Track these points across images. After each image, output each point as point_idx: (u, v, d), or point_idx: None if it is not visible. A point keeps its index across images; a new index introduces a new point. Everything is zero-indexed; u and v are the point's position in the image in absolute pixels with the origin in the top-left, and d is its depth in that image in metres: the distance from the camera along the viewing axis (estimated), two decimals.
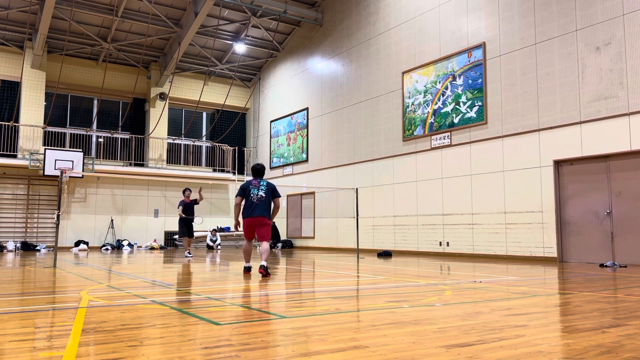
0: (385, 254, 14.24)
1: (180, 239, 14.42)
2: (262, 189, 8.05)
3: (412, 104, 15.42)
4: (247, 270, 8.05)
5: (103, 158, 20.91)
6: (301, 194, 20.36)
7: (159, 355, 2.79)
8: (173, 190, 21.54)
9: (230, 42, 21.29)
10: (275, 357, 2.76)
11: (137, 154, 21.60)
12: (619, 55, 10.71)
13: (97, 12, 18.35)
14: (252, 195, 8.00)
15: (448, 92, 14.32)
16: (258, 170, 8.32)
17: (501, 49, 13.02)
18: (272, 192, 8.11)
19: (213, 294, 5.66)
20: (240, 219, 8.14)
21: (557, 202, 11.71)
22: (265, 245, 7.90)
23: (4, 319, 3.93)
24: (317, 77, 19.86)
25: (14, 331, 3.47)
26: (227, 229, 21.87)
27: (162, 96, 21.67)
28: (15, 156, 18.75)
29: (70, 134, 20.56)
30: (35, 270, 9.01)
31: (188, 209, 13.76)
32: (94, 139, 21.21)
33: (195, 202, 13.84)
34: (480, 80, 13.44)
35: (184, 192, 14.05)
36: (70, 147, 20.11)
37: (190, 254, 13.42)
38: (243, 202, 8.06)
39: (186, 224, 13.73)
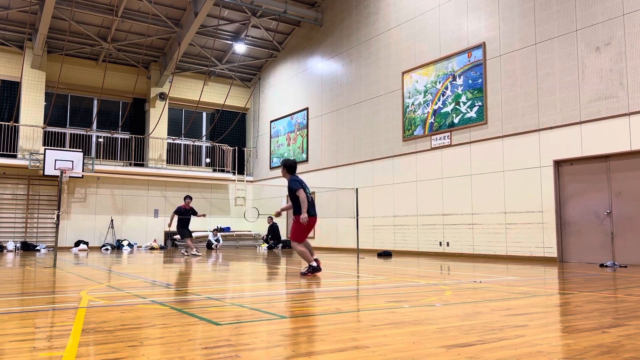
0: (385, 254, 14.24)
1: (182, 240, 14.87)
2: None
3: (412, 104, 15.42)
4: (319, 269, 7.58)
5: (103, 158, 20.91)
6: None
7: (159, 355, 2.79)
8: (173, 191, 21.54)
9: (230, 42, 21.29)
10: (275, 357, 2.75)
11: (137, 154, 21.60)
12: (619, 55, 10.71)
13: (97, 12, 18.35)
14: (308, 193, 7.75)
15: (448, 92, 14.32)
16: (295, 167, 8.01)
17: (501, 49, 13.02)
18: None
19: (213, 294, 5.66)
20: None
21: (557, 202, 11.71)
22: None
23: (4, 319, 3.93)
24: (317, 77, 19.86)
25: (14, 331, 3.47)
26: (228, 229, 21.87)
27: (162, 96, 21.67)
28: (15, 156, 18.75)
29: (70, 134, 20.56)
30: (35, 270, 9.01)
31: (184, 214, 14.37)
32: (93, 139, 21.21)
33: (194, 212, 14.31)
34: (480, 80, 13.44)
35: (184, 198, 14.60)
36: (70, 147, 20.10)
37: (198, 251, 14.01)
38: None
39: (184, 225, 14.21)
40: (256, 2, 18.56)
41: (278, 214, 8.49)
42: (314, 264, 7.58)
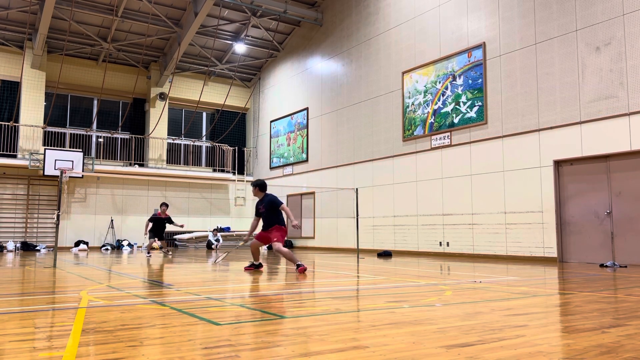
0: (385, 254, 14.24)
1: (150, 238, 13.90)
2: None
3: (412, 104, 15.42)
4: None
5: (103, 158, 20.91)
6: (301, 194, 20.36)
7: (159, 355, 2.79)
8: (173, 191, 21.54)
9: (230, 42, 21.29)
10: (275, 357, 2.75)
11: (137, 154, 21.60)
12: (619, 55, 10.71)
13: (97, 12, 18.34)
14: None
15: (448, 92, 14.32)
16: (267, 186, 9.11)
17: (501, 49, 13.02)
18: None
19: (213, 294, 5.66)
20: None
21: (557, 202, 11.71)
22: None
23: (4, 319, 3.92)
24: (317, 77, 19.86)
25: (14, 331, 3.46)
26: (228, 229, 21.87)
27: (162, 96, 21.67)
28: (15, 156, 18.75)
29: (70, 134, 20.56)
30: (35, 270, 9.01)
31: (159, 224, 13.77)
32: (93, 139, 21.21)
33: (170, 221, 13.84)
34: (480, 80, 13.44)
35: (161, 205, 13.99)
36: (70, 147, 20.10)
37: (150, 253, 13.61)
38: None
39: (155, 229, 13.74)
40: (256, 2, 18.56)
41: (245, 241, 9.61)
42: (299, 262, 8.37)
